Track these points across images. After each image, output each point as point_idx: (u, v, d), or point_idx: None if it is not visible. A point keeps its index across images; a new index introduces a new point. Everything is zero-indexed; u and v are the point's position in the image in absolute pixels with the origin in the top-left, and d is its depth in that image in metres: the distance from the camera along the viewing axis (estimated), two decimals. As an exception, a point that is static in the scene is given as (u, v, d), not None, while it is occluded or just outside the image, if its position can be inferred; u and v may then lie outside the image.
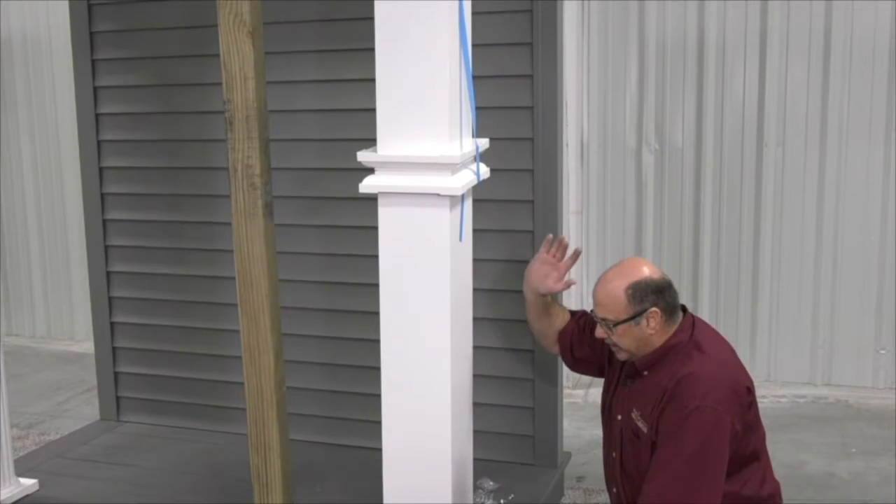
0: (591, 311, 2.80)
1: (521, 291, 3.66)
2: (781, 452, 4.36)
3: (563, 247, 3.13)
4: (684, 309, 2.77)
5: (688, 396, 2.53)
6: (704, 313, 5.30)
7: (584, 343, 3.04)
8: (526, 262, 3.63)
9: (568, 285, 3.09)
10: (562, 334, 3.12)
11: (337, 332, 3.98)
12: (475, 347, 3.04)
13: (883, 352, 5.17)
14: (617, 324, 2.67)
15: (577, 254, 3.12)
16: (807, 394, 5.18)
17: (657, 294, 2.65)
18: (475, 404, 3.07)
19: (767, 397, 5.13)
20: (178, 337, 4.25)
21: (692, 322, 2.72)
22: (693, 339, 2.66)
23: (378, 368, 2.83)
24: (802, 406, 5.05)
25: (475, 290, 3.01)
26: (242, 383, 2.95)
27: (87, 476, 3.76)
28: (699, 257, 5.31)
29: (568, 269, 3.11)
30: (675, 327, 2.68)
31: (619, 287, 2.66)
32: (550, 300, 3.15)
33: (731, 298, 5.30)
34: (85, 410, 5.14)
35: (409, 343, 2.77)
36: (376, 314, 2.80)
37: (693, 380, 2.55)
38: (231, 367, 3.99)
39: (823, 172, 5.09)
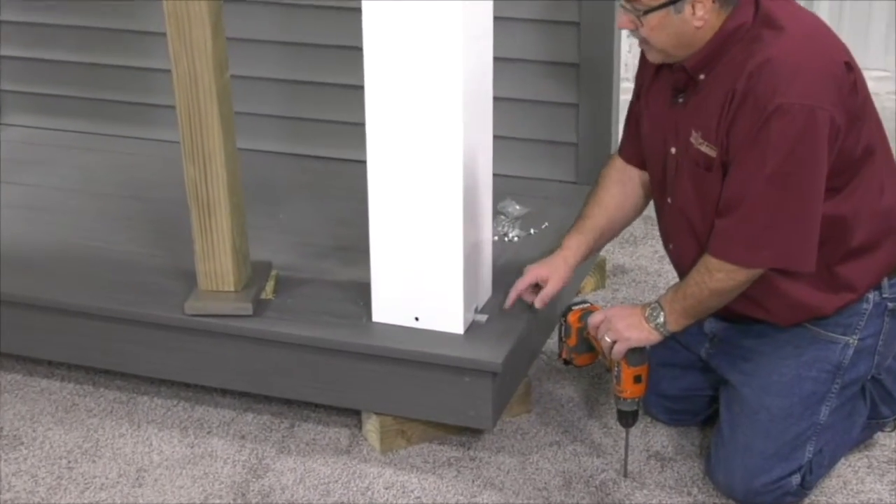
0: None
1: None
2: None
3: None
4: None
5: (764, 92, 2.29)
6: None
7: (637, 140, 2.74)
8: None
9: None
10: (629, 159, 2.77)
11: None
12: (496, 19, 2.67)
13: None
14: (649, 11, 2.34)
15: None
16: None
17: None
18: (496, 99, 2.77)
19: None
20: (76, 7, 3.88)
21: None
22: (760, 14, 2.38)
23: (357, 48, 2.54)
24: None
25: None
26: (169, 70, 2.73)
27: (-37, 198, 3.53)
28: None
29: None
30: (729, 12, 2.40)
31: None
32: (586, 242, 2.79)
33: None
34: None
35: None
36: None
37: (769, 69, 2.30)
38: (152, 47, 3.67)
39: None
